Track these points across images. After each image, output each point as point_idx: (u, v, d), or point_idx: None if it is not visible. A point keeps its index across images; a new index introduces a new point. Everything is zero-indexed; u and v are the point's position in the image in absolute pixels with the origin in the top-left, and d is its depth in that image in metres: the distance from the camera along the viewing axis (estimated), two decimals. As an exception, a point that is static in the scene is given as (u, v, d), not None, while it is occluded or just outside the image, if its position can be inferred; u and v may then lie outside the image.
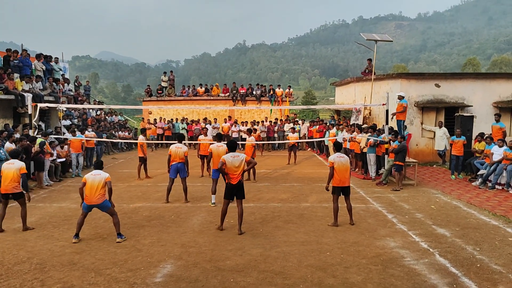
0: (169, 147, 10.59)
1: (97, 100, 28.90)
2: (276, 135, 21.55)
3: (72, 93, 20.38)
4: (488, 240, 7.14)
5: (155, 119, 23.73)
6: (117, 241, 7.18)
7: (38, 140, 11.85)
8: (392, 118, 13.21)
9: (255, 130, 14.00)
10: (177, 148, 10.18)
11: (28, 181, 11.77)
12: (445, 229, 7.81)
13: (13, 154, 8.43)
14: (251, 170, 12.81)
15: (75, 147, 13.92)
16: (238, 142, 20.77)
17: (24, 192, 8.06)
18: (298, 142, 18.37)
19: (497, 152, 11.33)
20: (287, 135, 18.62)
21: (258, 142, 13.67)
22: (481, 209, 9.25)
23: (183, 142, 10.77)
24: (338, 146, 8.58)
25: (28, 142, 11.31)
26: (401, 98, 13.40)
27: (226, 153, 8.02)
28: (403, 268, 5.94)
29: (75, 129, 14.33)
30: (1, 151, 10.09)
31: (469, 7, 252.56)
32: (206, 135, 14.05)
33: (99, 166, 7.62)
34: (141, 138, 13.66)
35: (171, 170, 10.18)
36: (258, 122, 22.42)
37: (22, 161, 8.18)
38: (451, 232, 7.62)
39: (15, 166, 7.90)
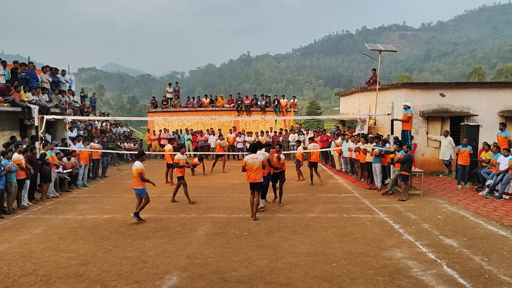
0: (244, 158, 9.47)
1: (103, 112, 29.14)
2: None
3: (78, 105, 20.57)
4: (496, 251, 7.06)
5: (160, 130, 23.89)
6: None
7: (41, 152, 11.95)
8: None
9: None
10: (253, 160, 9.16)
11: (34, 192, 11.87)
12: (452, 240, 7.74)
13: None
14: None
15: (84, 157, 14.36)
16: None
17: None
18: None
19: (503, 162, 11.26)
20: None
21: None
22: (489, 219, 9.16)
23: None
24: None
25: (31, 154, 11.36)
26: (406, 108, 13.40)
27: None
28: (410, 279, 5.88)
29: (82, 140, 14.88)
30: (10, 162, 10.15)
31: (473, 17, 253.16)
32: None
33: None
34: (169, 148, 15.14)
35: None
36: (263, 132, 22.50)
37: (30, 174, 8.34)
38: (458, 243, 7.55)
39: None
